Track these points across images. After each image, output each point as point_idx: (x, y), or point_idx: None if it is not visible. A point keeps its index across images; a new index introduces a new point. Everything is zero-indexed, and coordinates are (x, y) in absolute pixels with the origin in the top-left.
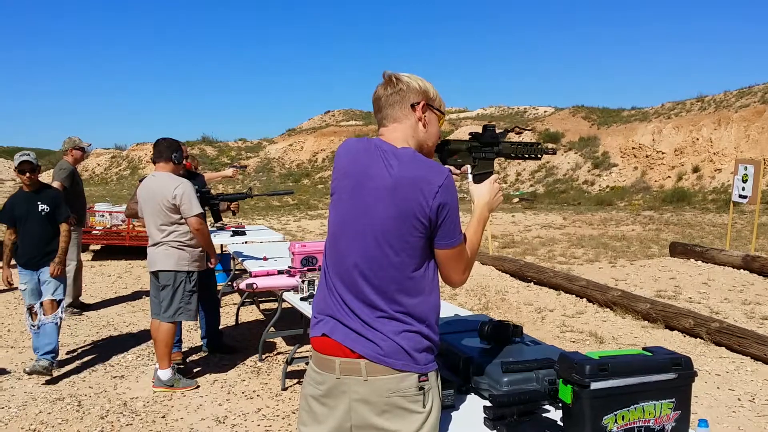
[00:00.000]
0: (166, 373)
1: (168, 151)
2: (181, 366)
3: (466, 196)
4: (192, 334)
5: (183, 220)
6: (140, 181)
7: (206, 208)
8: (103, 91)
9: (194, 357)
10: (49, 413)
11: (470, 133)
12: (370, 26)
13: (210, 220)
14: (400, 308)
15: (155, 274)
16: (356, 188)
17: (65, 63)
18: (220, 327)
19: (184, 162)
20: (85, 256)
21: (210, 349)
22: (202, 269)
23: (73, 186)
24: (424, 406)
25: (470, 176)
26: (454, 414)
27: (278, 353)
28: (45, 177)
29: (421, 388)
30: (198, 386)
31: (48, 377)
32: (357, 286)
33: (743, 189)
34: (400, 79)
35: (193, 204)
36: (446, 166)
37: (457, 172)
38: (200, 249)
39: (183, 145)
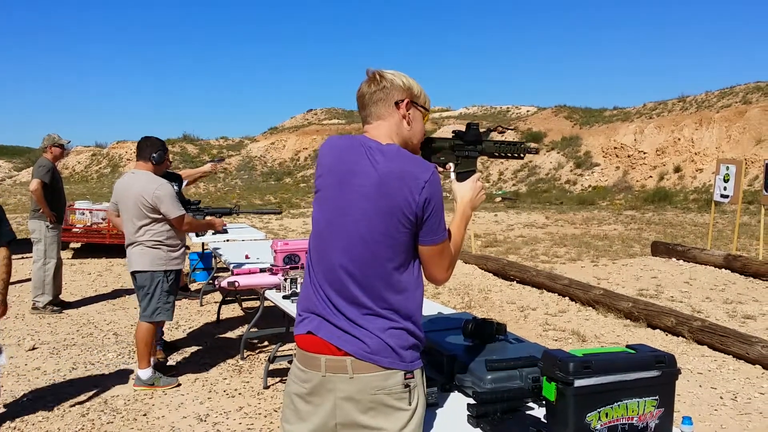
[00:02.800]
0: (146, 373)
1: (148, 150)
2: (166, 364)
3: (448, 194)
4: (173, 332)
5: (159, 218)
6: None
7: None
8: (83, 88)
9: (175, 356)
10: (30, 411)
11: (454, 131)
12: (352, 24)
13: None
14: (386, 305)
15: (133, 275)
16: (340, 185)
17: (44, 59)
18: (204, 323)
19: (166, 162)
20: (65, 254)
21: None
22: (180, 267)
23: (52, 183)
24: (410, 404)
25: (453, 174)
26: (438, 411)
27: (260, 352)
28: (25, 175)
29: (407, 386)
30: (179, 384)
31: None
32: (342, 283)
33: (725, 189)
34: (384, 77)
35: (174, 206)
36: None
37: (441, 170)
38: (179, 246)
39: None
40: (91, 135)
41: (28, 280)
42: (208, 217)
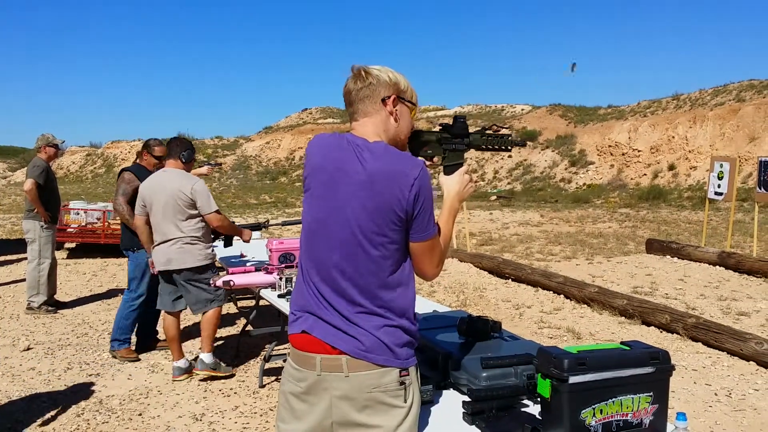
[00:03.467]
0: (209, 356)
1: (178, 149)
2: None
3: (437, 189)
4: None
5: (195, 214)
6: (120, 174)
7: (222, 236)
8: (78, 88)
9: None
10: (25, 412)
11: (440, 125)
12: (347, 23)
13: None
14: (380, 302)
15: (171, 273)
16: (330, 183)
17: (38, 59)
18: (199, 322)
19: (193, 161)
20: (60, 254)
21: (141, 348)
22: (214, 260)
23: (47, 183)
24: (405, 401)
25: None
26: (433, 409)
27: (256, 351)
28: (19, 175)
29: (402, 383)
30: (233, 375)
31: None
32: (335, 281)
33: (719, 186)
34: (369, 73)
35: (210, 201)
36: (418, 158)
37: (428, 163)
38: (210, 244)
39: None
40: (85, 135)
41: (23, 280)
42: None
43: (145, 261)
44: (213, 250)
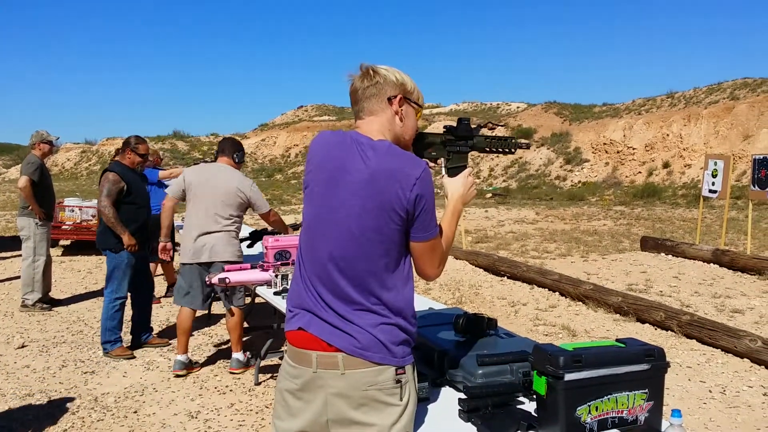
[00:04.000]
0: (241, 355)
1: (232, 149)
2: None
3: (439, 191)
4: (164, 329)
5: (240, 213)
6: (102, 174)
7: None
8: (73, 85)
9: (167, 352)
10: (19, 409)
11: (445, 127)
12: (343, 21)
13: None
14: (377, 301)
15: (207, 264)
16: (331, 181)
17: (33, 56)
18: (195, 320)
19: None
20: (55, 252)
21: (134, 345)
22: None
23: (41, 180)
24: (401, 399)
25: (444, 170)
26: (429, 406)
27: (251, 348)
28: (13, 172)
29: (398, 381)
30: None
31: None
32: (333, 279)
33: (713, 184)
34: (377, 72)
35: (264, 200)
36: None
37: (432, 165)
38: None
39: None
40: (80, 132)
41: (18, 277)
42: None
43: (126, 261)
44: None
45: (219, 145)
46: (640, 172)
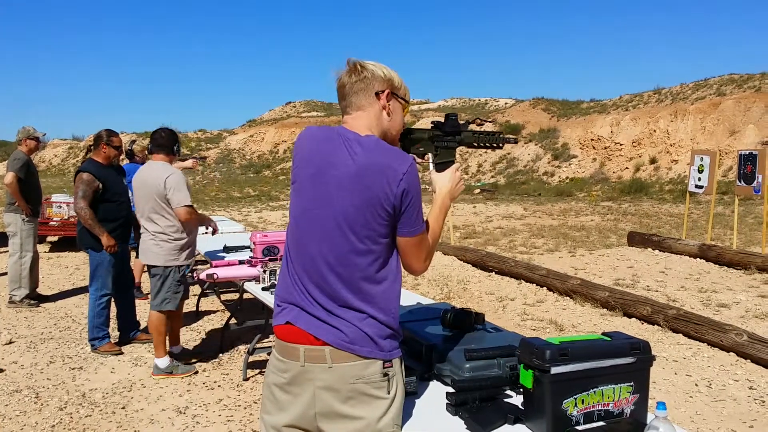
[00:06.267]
0: (163, 361)
1: (167, 142)
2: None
3: (428, 187)
4: None
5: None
6: (76, 175)
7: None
8: (60, 80)
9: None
10: (7, 405)
11: (432, 122)
12: (331, 16)
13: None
14: (364, 296)
15: (147, 266)
16: (318, 176)
17: (19, 50)
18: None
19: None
20: (42, 248)
21: (122, 341)
22: (191, 259)
23: (27, 176)
24: (389, 393)
25: (432, 165)
26: (417, 400)
27: (239, 344)
28: (0, 168)
29: (386, 375)
30: (197, 372)
31: None
32: (320, 273)
33: (699, 179)
34: (365, 67)
35: (182, 193)
36: (408, 153)
37: (420, 160)
38: (188, 240)
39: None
40: (68, 128)
41: (4, 274)
42: None
43: (108, 258)
44: (191, 250)
45: (151, 139)
46: (627, 168)
